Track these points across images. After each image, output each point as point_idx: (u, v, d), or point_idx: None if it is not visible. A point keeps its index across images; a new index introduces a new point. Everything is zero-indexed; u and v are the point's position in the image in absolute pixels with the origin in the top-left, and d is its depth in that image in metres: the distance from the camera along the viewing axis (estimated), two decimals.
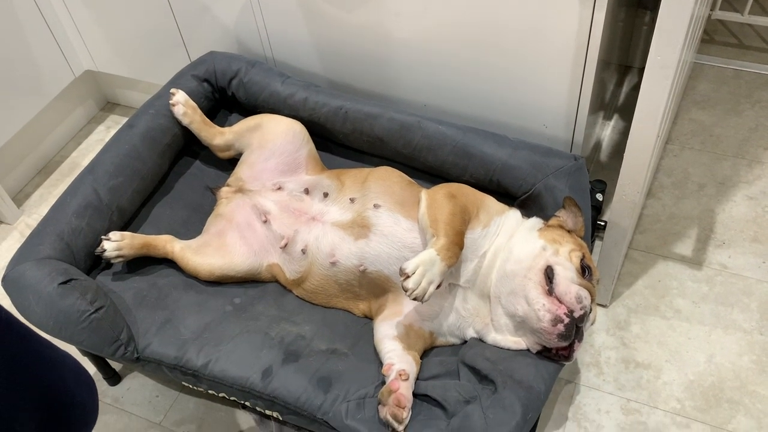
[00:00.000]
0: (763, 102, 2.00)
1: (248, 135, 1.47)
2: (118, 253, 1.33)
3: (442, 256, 1.09)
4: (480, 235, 1.20)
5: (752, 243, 1.67)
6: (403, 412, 1.08)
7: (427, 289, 1.07)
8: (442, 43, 1.46)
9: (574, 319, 1.09)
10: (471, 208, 1.21)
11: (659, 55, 1.07)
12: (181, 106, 1.51)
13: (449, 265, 1.10)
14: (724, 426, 1.37)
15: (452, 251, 1.11)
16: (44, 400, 0.75)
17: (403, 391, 1.09)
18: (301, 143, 1.44)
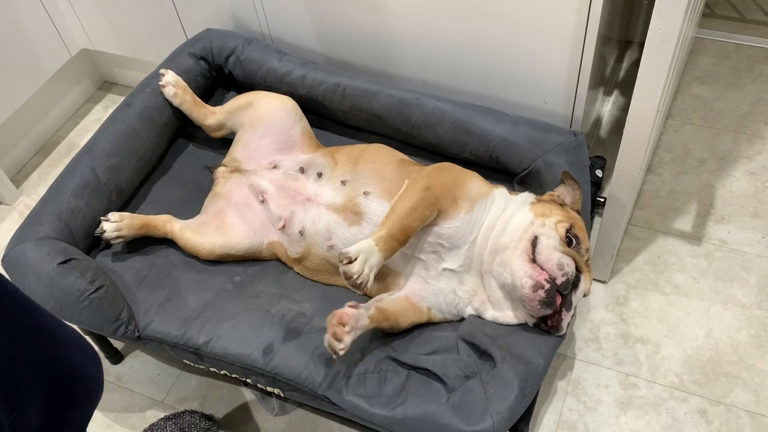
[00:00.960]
0: (765, 76, 1.99)
1: (240, 113, 1.46)
2: (118, 234, 1.33)
3: (379, 247, 1.10)
4: (464, 221, 1.19)
5: (752, 218, 1.67)
6: (345, 328, 1.06)
7: (369, 276, 1.08)
8: (441, 18, 1.45)
9: (555, 286, 1.10)
10: (445, 200, 1.19)
11: (660, 29, 1.06)
12: (171, 87, 1.50)
13: (385, 258, 1.11)
14: (722, 399, 1.38)
15: (389, 244, 1.11)
16: (49, 373, 0.75)
17: (347, 311, 1.08)
18: (295, 120, 1.43)
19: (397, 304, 1.20)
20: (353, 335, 1.08)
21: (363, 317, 1.12)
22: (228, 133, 1.51)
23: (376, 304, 1.17)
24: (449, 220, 1.19)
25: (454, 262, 1.21)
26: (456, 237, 1.19)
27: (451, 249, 1.20)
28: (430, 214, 1.17)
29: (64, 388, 0.77)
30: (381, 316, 1.15)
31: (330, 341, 1.07)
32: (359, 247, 1.09)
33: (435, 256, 1.21)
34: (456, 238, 1.20)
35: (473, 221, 1.20)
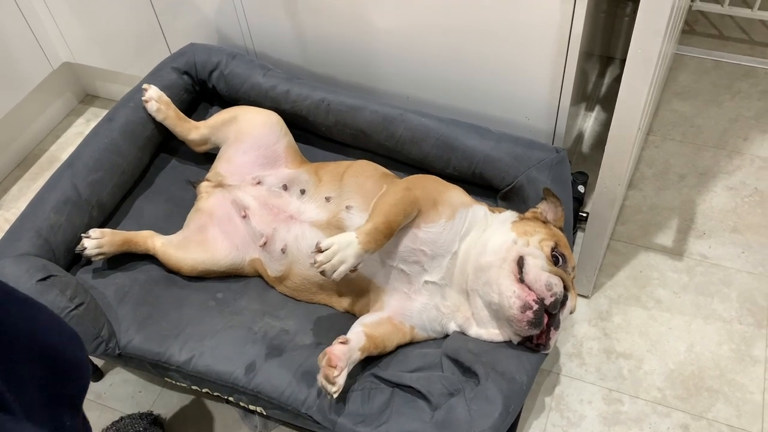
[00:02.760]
0: (743, 93, 2.02)
1: (224, 128, 1.45)
2: (99, 251, 1.31)
3: (360, 239, 1.10)
4: (445, 227, 1.20)
5: (732, 233, 1.69)
6: (334, 371, 1.05)
7: (338, 267, 1.09)
8: (425, 34, 1.46)
9: (543, 306, 1.10)
10: (425, 201, 1.20)
11: (640, 46, 1.07)
12: (154, 102, 1.49)
13: (367, 250, 1.11)
14: (703, 414, 1.39)
15: (373, 236, 1.12)
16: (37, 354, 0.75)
17: (336, 351, 1.07)
18: (279, 135, 1.43)
19: (382, 328, 1.19)
20: (345, 374, 1.07)
21: (354, 352, 1.11)
22: (212, 148, 1.50)
23: (365, 331, 1.16)
24: (430, 223, 1.19)
25: (436, 273, 1.20)
26: (437, 244, 1.19)
27: (434, 258, 1.20)
28: (412, 211, 1.18)
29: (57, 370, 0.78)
30: (371, 344, 1.15)
31: (323, 383, 1.06)
32: (335, 239, 1.10)
33: (417, 267, 1.21)
34: (437, 245, 1.19)
35: (454, 229, 1.20)
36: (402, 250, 1.20)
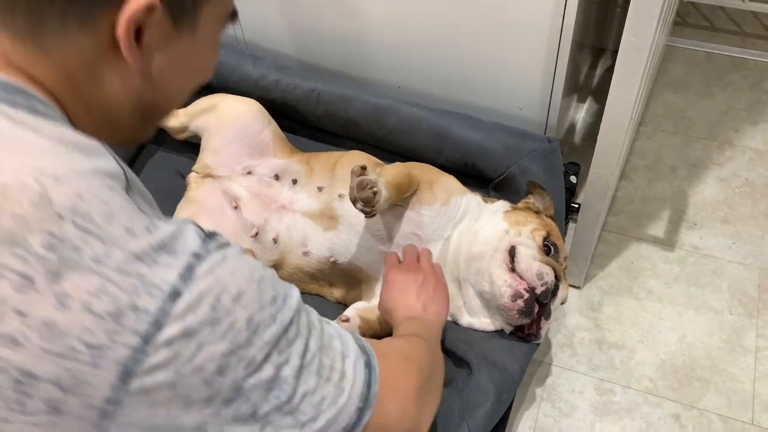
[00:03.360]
0: (734, 85, 2.02)
1: (204, 116, 1.43)
2: None
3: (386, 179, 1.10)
4: (439, 211, 1.20)
5: (723, 224, 1.69)
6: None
7: (379, 195, 1.07)
8: (417, 24, 1.45)
9: (534, 295, 1.10)
10: (423, 181, 1.21)
11: (633, 36, 1.06)
12: None
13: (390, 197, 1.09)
14: (695, 404, 1.39)
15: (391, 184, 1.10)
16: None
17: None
18: (263, 123, 1.41)
19: (373, 315, 1.18)
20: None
21: (354, 331, 1.10)
22: (191, 136, 1.48)
23: (359, 313, 1.15)
24: (425, 205, 1.19)
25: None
26: (432, 227, 1.19)
27: (427, 243, 1.19)
28: (412, 184, 1.18)
29: None
30: (365, 326, 1.15)
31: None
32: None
33: None
34: (432, 229, 1.19)
35: (449, 214, 1.20)
36: (396, 235, 1.19)
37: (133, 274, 0.53)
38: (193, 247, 0.57)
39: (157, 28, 0.59)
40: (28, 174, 0.52)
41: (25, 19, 0.55)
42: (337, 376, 0.66)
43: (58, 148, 0.54)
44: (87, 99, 0.61)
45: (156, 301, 0.53)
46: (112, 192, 0.55)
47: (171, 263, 0.55)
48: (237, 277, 0.58)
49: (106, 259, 0.52)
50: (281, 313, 0.61)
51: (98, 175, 0.55)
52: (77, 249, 0.52)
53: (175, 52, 0.63)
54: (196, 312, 0.55)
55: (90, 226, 0.52)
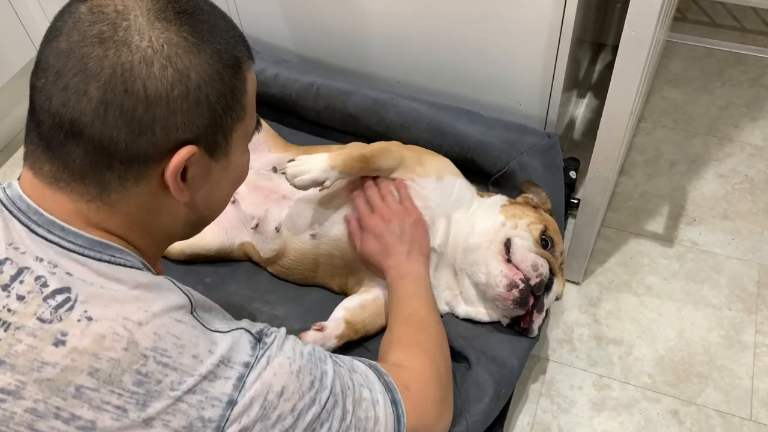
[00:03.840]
0: (734, 80, 2.02)
1: None
2: None
3: (330, 156, 1.14)
4: (436, 187, 1.21)
5: (722, 220, 1.69)
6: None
7: (299, 174, 1.13)
8: (417, 18, 1.44)
9: (529, 286, 1.10)
10: (410, 159, 1.23)
11: (633, 31, 1.06)
12: None
13: (333, 166, 1.13)
14: (693, 400, 1.39)
15: (343, 157, 1.15)
16: None
17: (308, 338, 1.07)
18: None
19: (365, 312, 1.18)
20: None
21: (329, 339, 1.11)
22: None
23: (346, 317, 1.15)
24: (421, 177, 1.21)
25: (436, 237, 1.20)
26: (436, 201, 1.20)
27: (438, 218, 1.20)
28: (391, 161, 1.21)
29: None
30: (351, 331, 1.14)
31: None
32: (309, 156, 1.15)
33: None
34: (437, 204, 1.20)
35: (444, 192, 1.21)
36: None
37: (199, 392, 0.68)
38: (244, 357, 0.71)
39: (198, 166, 0.73)
40: (118, 323, 0.67)
41: (94, 185, 0.70)
42: (371, 424, 0.80)
43: (137, 293, 0.69)
44: (149, 231, 0.76)
45: (217, 411, 0.68)
46: (180, 324, 0.70)
47: (228, 374, 0.69)
48: (279, 375, 0.72)
49: (179, 385, 0.67)
50: (319, 393, 0.75)
51: (169, 312, 0.69)
52: (159, 382, 0.67)
53: (214, 177, 0.77)
54: (249, 413, 0.69)
55: (167, 360, 0.68)
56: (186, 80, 0.68)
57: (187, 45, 0.69)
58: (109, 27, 0.67)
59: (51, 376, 0.65)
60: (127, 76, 0.66)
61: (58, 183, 0.70)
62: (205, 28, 0.71)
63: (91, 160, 0.68)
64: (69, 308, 0.67)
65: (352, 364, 0.86)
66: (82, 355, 0.65)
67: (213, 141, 0.73)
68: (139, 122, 0.67)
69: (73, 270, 0.68)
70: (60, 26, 0.69)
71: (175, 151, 0.69)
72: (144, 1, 0.69)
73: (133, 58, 0.66)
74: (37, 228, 0.69)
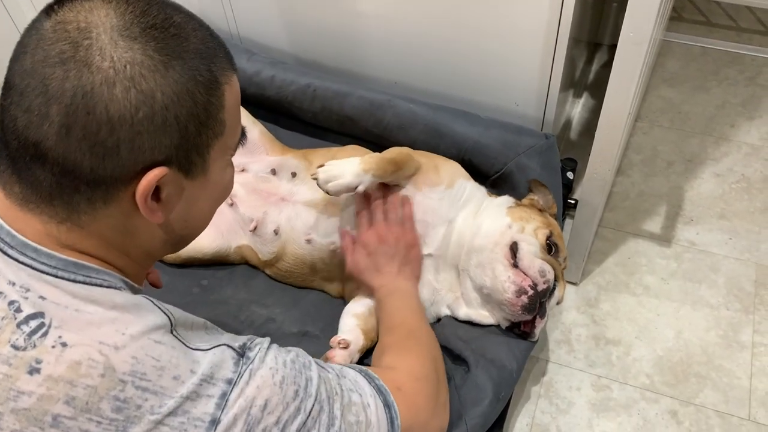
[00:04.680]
0: (730, 79, 2.02)
1: None
2: None
3: (363, 160, 1.13)
4: (444, 194, 1.20)
5: (719, 220, 1.69)
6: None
7: (332, 179, 1.11)
8: (413, 19, 1.43)
9: (537, 293, 1.09)
10: (427, 164, 1.22)
11: (631, 31, 1.06)
12: None
13: (366, 170, 1.12)
14: (691, 400, 1.39)
15: (376, 160, 1.14)
16: None
17: (338, 359, 1.07)
18: (250, 124, 1.39)
19: (373, 318, 1.17)
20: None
21: (354, 355, 1.10)
22: None
23: (360, 326, 1.14)
24: (431, 187, 1.20)
25: (432, 244, 1.19)
26: (439, 212, 1.19)
27: (435, 227, 1.19)
28: (413, 164, 1.20)
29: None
30: (368, 342, 1.14)
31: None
32: (339, 160, 1.14)
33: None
34: (438, 214, 1.19)
35: (453, 197, 1.21)
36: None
37: (180, 413, 0.67)
38: (227, 374, 0.70)
39: (172, 185, 0.71)
40: (93, 348, 0.65)
41: (63, 207, 0.68)
42: (363, 427, 0.78)
43: (113, 314, 0.67)
44: (126, 251, 0.74)
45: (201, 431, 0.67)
46: (160, 346, 0.68)
47: (211, 392, 0.68)
48: (262, 389, 0.71)
49: (160, 408, 0.66)
50: (304, 402, 0.74)
51: (147, 334, 0.68)
52: (138, 407, 0.65)
53: (191, 196, 0.75)
54: (233, 431, 0.68)
55: (146, 384, 0.66)
56: (151, 101, 0.65)
57: (153, 64, 0.66)
58: (70, 46, 0.64)
59: (27, 406, 0.64)
60: (89, 99, 0.63)
61: (28, 204, 0.68)
62: (176, 44, 0.68)
63: (58, 183, 0.66)
64: (43, 334, 0.65)
65: (342, 370, 0.84)
66: (57, 383, 0.64)
67: (187, 160, 0.70)
68: (104, 145, 0.64)
69: (46, 293, 0.66)
70: (26, 43, 0.66)
71: (144, 172, 0.67)
72: (108, 17, 0.66)
73: (94, 80, 0.63)
74: (9, 250, 0.68)
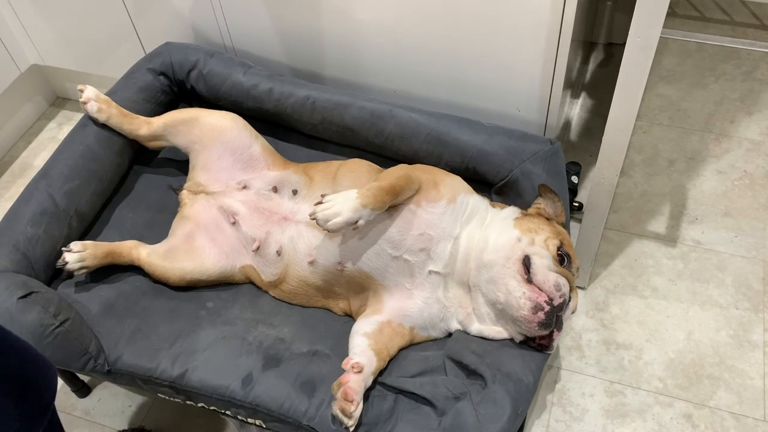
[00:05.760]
0: (727, 75, 2.01)
1: (182, 128, 1.37)
2: (81, 265, 1.25)
3: (360, 194, 1.10)
4: (446, 209, 1.17)
5: (724, 217, 1.68)
6: (351, 406, 1.03)
7: (331, 217, 1.08)
8: (412, 26, 1.41)
9: (554, 308, 1.08)
10: (426, 181, 1.19)
11: (639, 35, 1.04)
12: (94, 103, 1.39)
13: (365, 205, 1.09)
14: (706, 402, 1.38)
15: (373, 192, 1.11)
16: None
17: (352, 384, 1.05)
18: (251, 138, 1.37)
19: (384, 337, 1.15)
20: (362, 406, 1.06)
21: (368, 378, 1.09)
22: (165, 145, 1.43)
23: (372, 346, 1.12)
24: (432, 203, 1.17)
25: (440, 261, 1.17)
26: (441, 227, 1.17)
27: (439, 242, 1.17)
28: (412, 185, 1.17)
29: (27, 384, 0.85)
30: (381, 363, 1.12)
31: (339, 416, 1.04)
32: (336, 194, 1.10)
33: (423, 255, 1.17)
34: (441, 228, 1.17)
35: (456, 212, 1.18)
36: (408, 239, 1.16)
37: None
38: None
39: None
40: None
41: None
42: None
43: None
44: None
45: None
46: None
47: None
48: None
49: None
50: None
51: None
52: None
53: None
54: None
55: None
56: None
57: None
58: None
59: None
60: None
61: None
62: None
63: None
64: None
65: None
66: None
67: None
68: None
69: None
70: None
71: None
72: None
73: None
74: None
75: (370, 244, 1.18)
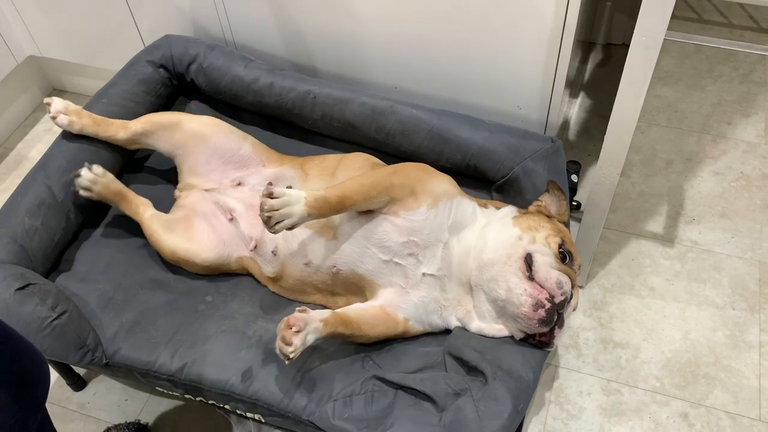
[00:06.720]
0: (725, 77, 2.02)
1: (164, 133, 1.35)
2: (90, 186, 1.28)
3: (307, 200, 1.10)
4: (427, 216, 1.15)
5: (721, 218, 1.69)
6: (290, 331, 1.02)
7: (281, 220, 1.08)
8: (414, 22, 1.41)
9: (555, 305, 1.08)
10: (401, 188, 1.16)
11: (644, 35, 1.04)
12: (63, 116, 1.34)
13: (309, 214, 1.10)
14: (702, 402, 1.39)
15: (319, 203, 1.10)
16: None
17: (294, 315, 1.05)
18: (238, 139, 1.36)
19: (366, 312, 1.15)
20: (303, 337, 1.04)
21: (314, 320, 1.07)
22: (144, 148, 1.42)
23: (342, 312, 1.12)
24: (410, 211, 1.15)
25: (433, 265, 1.17)
26: (425, 232, 1.15)
27: (426, 248, 1.16)
28: (378, 196, 1.15)
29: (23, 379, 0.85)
30: (338, 320, 1.10)
31: (280, 346, 1.03)
32: (288, 191, 1.09)
33: (412, 259, 1.17)
34: (425, 234, 1.15)
35: (439, 218, 1.16)
36: (392, 245, 1.16)
37: None
38: None
39: None
40: None
41: None
42: None
43: None
44: None
45: None
46: None
47: None
48: None
49: None
50: None
51: None
52: None
53: None
54: None
55: None
56: None
57: None
58: None
59: None
60: None
61: None
62: None
63: None
64: None
65: None
66: None
67: None
68: None
69: None
70: None
71: None
72: None
73: None
74: None
75: (361, 248, 1.18)
